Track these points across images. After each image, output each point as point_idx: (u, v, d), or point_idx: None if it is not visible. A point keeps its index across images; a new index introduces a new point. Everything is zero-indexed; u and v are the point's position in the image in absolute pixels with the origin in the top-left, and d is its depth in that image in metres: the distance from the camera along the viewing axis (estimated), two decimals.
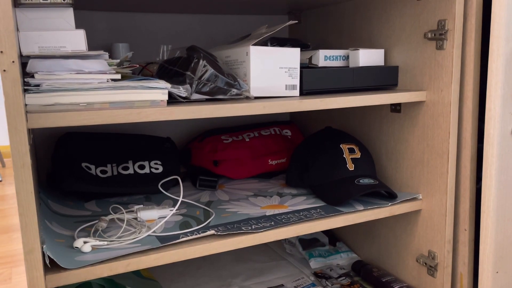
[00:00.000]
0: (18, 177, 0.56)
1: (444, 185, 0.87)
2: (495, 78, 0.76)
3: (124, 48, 1.05)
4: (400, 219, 0.98)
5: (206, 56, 0.76)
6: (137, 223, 0.79)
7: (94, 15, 1.08)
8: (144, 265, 0.67)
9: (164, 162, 1.02)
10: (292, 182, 1.01)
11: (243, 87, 0.77)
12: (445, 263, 0.89)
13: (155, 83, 0.66)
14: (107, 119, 0.62)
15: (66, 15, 0.66)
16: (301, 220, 0.80)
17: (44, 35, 0.65)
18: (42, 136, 1.07)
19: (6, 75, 0.54)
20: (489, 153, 0.78)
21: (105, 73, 0.65)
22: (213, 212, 0.86)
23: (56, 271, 0.62)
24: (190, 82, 0.73)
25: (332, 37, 1.13)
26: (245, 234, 0.75)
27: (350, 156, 0.95)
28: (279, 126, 1.23)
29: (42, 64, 0.62)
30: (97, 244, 0.69)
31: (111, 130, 1.14)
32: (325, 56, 0.92)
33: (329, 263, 1.11)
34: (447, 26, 0.82)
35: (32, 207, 0.57)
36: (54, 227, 0.77)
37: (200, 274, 1.07)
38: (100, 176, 0.95)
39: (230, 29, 1.23)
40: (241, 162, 1.10)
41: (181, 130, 1.22)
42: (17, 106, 0.55)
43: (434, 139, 0.88)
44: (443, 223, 0.88)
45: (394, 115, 0.97)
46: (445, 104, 0.85)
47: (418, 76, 0.90)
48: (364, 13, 1.01)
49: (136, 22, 1.13)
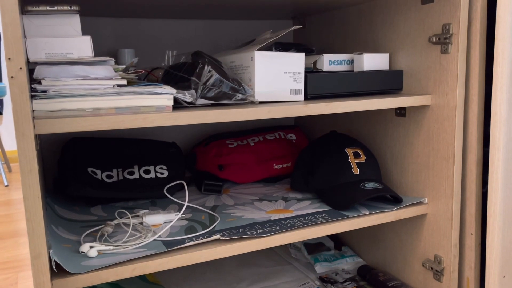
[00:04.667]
0: (26, 183, 0.57)
1: (450, 189, 0.86)
2: (501, 82, 0.76)
3: (129, 53, 1.06)
4: (405, 224, 0.98)
5: (211, 62, 0.76)
6: (142, 227, 0.80)
7: (100, 21, 1.09)
8: (149, 269, 0.67)
9: (169, 167, 1.02)
10: (297, 186, 1.01)
11: (248, 92, 0.77)
12: (452, 267, 0.88)
13: (160, 89, 0.67)
14: (113, 124, 0.62)
15: (72, 22, 0.66)
16: (306, 224, 0.80)
17: (51, 42, 0.65)
18: (48, 141, 1.08)
19: (13, 81, 0.54)
20: (495, 157, 0.77)
21: (111, 78, 0.65)
22: (218, 216, 0.86)
23: (63, 276, 0.63)
24: (195, 87, 0.73)
25: (336, 41, 1.13)
26: (251, 238, 0.75)
27: (355, 160, 0.95)
28: (284, 131, 1.23)
29: (49, 70, 0.63)
30: (103, 249, 0.69)
31: (116, 135, 1.15)
32: (330, 61, 0.92)
33: (335, 267, 1.10)
34: (451, 30, 0.82)
35: (39, 212, 0.58)
36: (60, 232, 0.78)
37: (205, 279, 1.07)
38: (106, 181, 0.96)
39: (235, 35, 1.24)
40: (246, 167, 1.11)
41: (186, 134, 1.22)
42: (25, 112, 0.55)
43: (439, 143, 0.88)
44: (449, 227, 0.87)
45: (399, 119, 0.97)
46: (450, 108, 0.85)
47: (423, 80, 0.89)
48: (369, 17, 1.02)
49: (141, 28, 1.13)
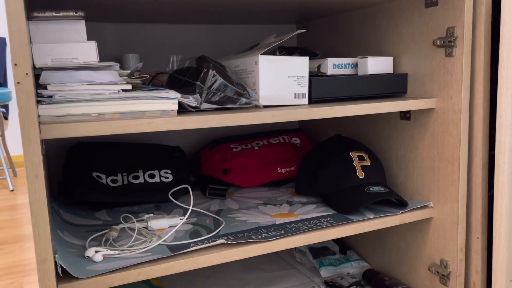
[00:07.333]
0: (32, 188, 0.57)
1: (456, 192, 0.86)
2: (506, 85, 0.75)
3: (134, 58, 1.06)
4: (411, 227, 0.98)
5: (215, 66, 0.76)
6: (147, 232, 0.80)
7: (104, 27, 1.10)
8: (154, 274, 0.67)
9: (174, 171, 1.03)
10: (302, 190, 1.01)
11: (252, 96, 0.77)
12: (458, 271, 0.88)
13: (165, 93, 0.67)
14: (118, 129, 0.63)
15: (78, 28, 0.67)
16: (311, 228, 0.80)
17: (56, 47, 0.66)
18: (53, 146, 1.08)
19: (20, 87, 0.55)
20: (501, 160, 0.77)
21: (116, 83, 0.66)
22: (223, 221, 0.86)
23: (68, 280, 0.63)
24: (200, 91, 0.74)
25: (340, 45, 1.13)
26: (255, 243, 0.75)
27: (360, 164, 0.94)
28: (288, 134, 1.23)
29: (55, 75, 0.63)
30: (108, 253, 0.70)
31: (121, 139, 1.15)
32: (334, 64, 0.92)
33: (340, 271, 1.10)
34: (456, 34, 0.82)
35: (45, 217, 0.58)
36: (65, 237, 0.78)
37: (209, 283, 1.07)
38: (110, 185, 0.96)
39: (239, 39, 1.24)
40: (251, 171, 1.11)
41: (190, 139, 1.23)
42: (31, 117, 0.56)
43: (444, 147, 0.87)
44: (455, 231, 0.87)
45: (404, 122, 0.97)
46: (455, 111, 0.84)
47: (428, 84, 0.89)
48: (372, 21, 1.02)
49: (145, 33, 1.14)
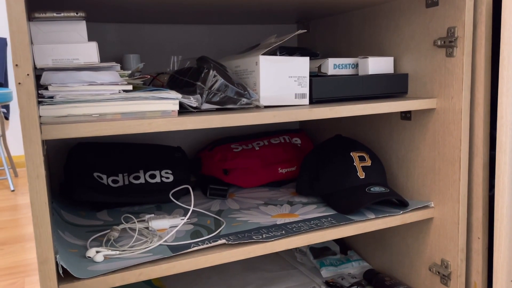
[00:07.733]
0: (33, 188, 0.57)
1: (456, 193, 0.86)
2: (506, 85, 0.75)
3: (135, 59, 1.06)
4: (412, 228, 0.98)
5: (216, 66, 0.77)
6: (148, 232, 0.80)
7: (105, 27, 1.10)
8: (155, 274, 0.67)
9: (174, 171, 1.03)
10: (303, 190, 1.01)
11: (253, 96, 0.77)
12: (459, 272, 0.88)
13: (166, 94, 0.67)
14: (119, 129, 0.63)
15: (79, 28, 0.67)
16: (312, 228, 0.80)
17: (57, 48, 0.66)
18: (54, 147, 1.09)
19: (21, 88, 0.55)
20: (502, 160, 0.77)
21: (117, 84, 0.66)
22: (223, 221, 0.86)
23: (70, 281, 0.63)
24: (201, 92, 0.74)
25: (341, 45, 1.13)
26: (256, 243, 0.75)
27: (361, 164, 0.94)
28: (289, 135, 1.23)
29: (56, 76, 0.64)
30: (109, 253, 0.70)
31: (122, 139, 1.15)
32: (334, 65, 0.92)
33: (341, 272, 1.10)
34: (456, 34, 0.82)
35: (46, 217, 0.58)
36: (67, 237, 0.78)
37: (210, 283, 1.07)
38: (111, 185, 0.96)
39: (239, 39, 1.24)
40: (251, 171, 1.11)
41: (191, 139, 1.23)
42: (32, 118, 0.56)
43: (445, 147, 0.87)
44: (455, 231, 0.87)
45: (404, 122, 0.97)
46: (456, 112, 0.84)
47: (428, 84, 0.89)
48: (373, 21, 1.02)
49: (146, 33, 1.14)
